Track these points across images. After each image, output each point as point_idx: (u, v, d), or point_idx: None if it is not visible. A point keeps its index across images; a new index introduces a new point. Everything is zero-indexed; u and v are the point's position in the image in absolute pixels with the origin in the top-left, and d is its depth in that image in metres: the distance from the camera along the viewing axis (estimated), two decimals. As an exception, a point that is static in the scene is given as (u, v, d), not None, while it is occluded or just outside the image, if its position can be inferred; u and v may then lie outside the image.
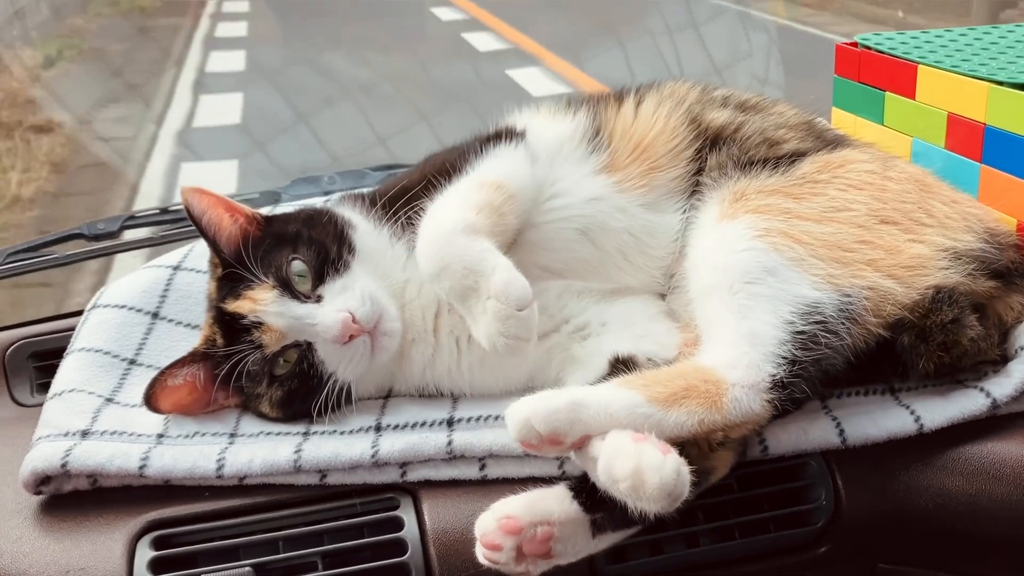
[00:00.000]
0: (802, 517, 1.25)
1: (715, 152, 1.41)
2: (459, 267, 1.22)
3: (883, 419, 1.25)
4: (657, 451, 1.05)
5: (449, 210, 1.29)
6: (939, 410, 1.25)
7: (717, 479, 1.20)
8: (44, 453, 1.24)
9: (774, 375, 1.15)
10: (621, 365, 1.27)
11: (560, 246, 1.39)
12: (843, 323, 1.20)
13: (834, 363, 1.21)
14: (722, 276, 1.23)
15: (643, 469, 1.04)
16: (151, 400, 1.30)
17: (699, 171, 1.42)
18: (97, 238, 1.84)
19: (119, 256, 2.68)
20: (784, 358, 1.16)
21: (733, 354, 1.17)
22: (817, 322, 1.18)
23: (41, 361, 1.54)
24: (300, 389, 1.30)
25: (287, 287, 1.31)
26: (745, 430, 1.18)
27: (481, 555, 1.12)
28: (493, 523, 1.11)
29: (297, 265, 1.33)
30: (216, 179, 5.76)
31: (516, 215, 1.34)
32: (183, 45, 9.67)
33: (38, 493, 1.25)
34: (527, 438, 1.10)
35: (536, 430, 1.09)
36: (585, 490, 1.13)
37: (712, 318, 1.23)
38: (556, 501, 1.13)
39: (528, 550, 1.11)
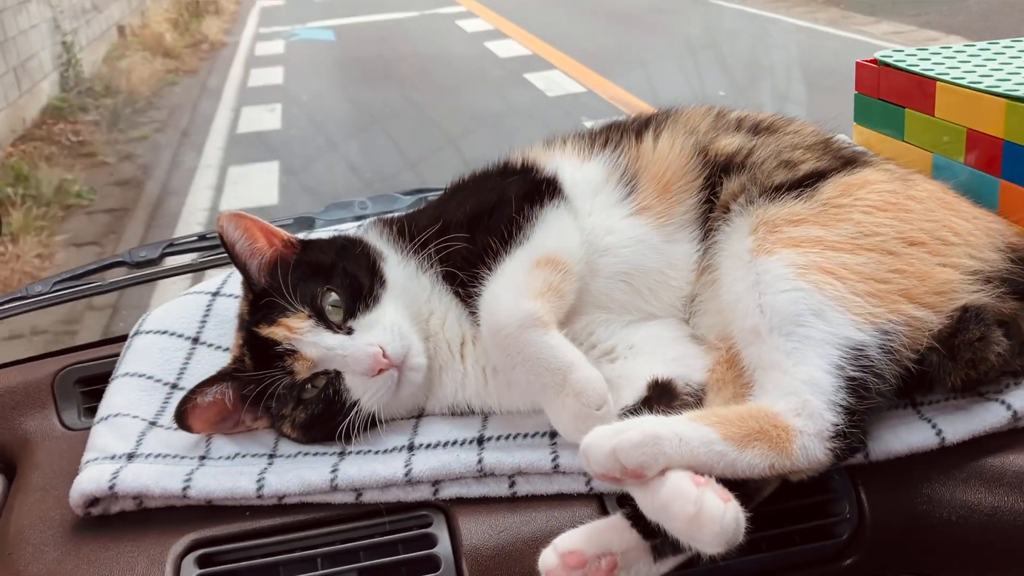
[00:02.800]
0: (827, 530, 1.27)
1: (729, 178, 1.43)
2: (534, 365, 1.26)
3: (905, 434, 1.27)
4: (718, 499, 1.08)
5: (511, 299, 1.30)
6: (961, 424, 1.27)
7: (763, 498, 1.23)
8: (92, 475, 1.29)
9: (836, 424, 1.17)
10: (659, 388, 1.30)
11: (601, 296, 1.41)
12: (887, 364, 1.22)
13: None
14: (769, 317, 1.24)
15: (704, 516, 1.06)
16: (182, 418, 1.35)
17: (710, 199, 1.44)
18: (139, 265, 1.90)
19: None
20: (841, 406, 1.18)
21: (797, 401, 1.18)
22: (865, 367, 1.20)
23: (87, 386, 1.59)
24: (324, 414, 1.34)
25: (321, 317, 1.35)
26: (804, 476, 1.19)
27: None
28: (556, 559, 1.13)
29: (332, 296, 1.36)
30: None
31: (574, 292, 1.36)
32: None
33: (87, 514, 1.31)
34: (610, 471, 1.11)
35: (621, 463, 1.10)
36: (642, 517, 1.14)
37: (766, 361, 1.24)
38: (616, 531, 1.16)
39: None
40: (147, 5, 13.65)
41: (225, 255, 1.45)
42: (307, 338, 1.33)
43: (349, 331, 1.35)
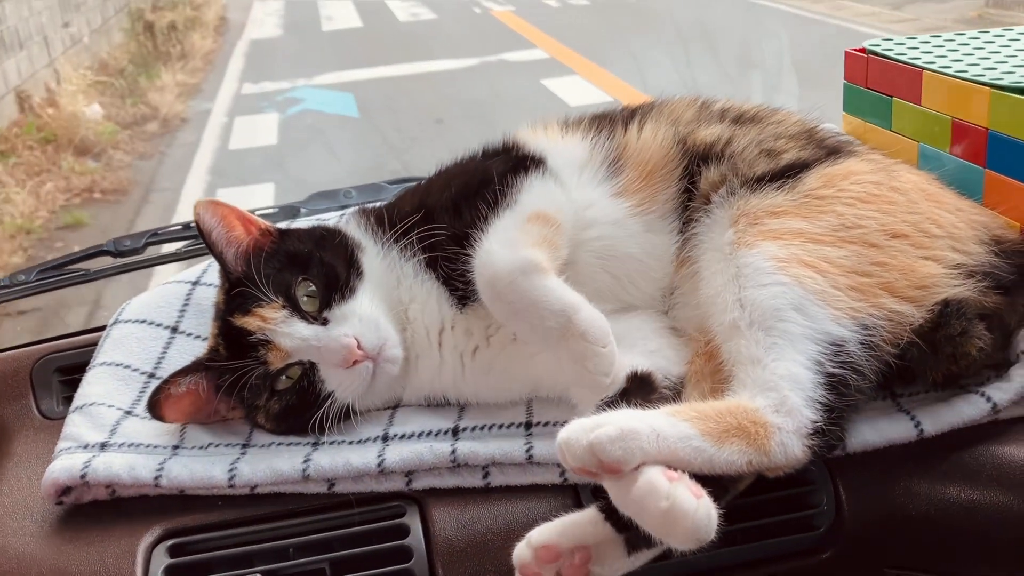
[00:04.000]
0: (804, 522, 1.26)
1: (709, 168, 1.42)
2: (537, 310, 1.24)
3: (884, 425, 1.26)
4: (690, 494, 1.06)
5: (508, 248, 1.29)
6: (940, 416, 1.26)
7: (737, 492, 1.22)
8: (64, 465, 1.29)
9: (815, 421, 1.16)
10: (638, 381, 1.28)
11: (583, 278, 1.39)
12: (867, 359, 1.20)
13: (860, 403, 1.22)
14: (750, 312, 1.23)
15: (676, 512, 1.05)
16: (154, 408, 1.34)
17: (687, 189, 1.43)
18: (122, 254, 1.89)
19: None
20: (820, 403, 1.17)
21: (775, 398, 1.16)
22: (845, 363, 1.19)
23: (66, 375, 1.59)
24: (298, 405, 1.34)
25: (296, 307, 1.34)
26: (781, 472, 1.18)
27: None
28: (530, 553, 1.12)
29: (307, 286, 1.35)
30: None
31: (565, 247, 1.35)
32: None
33: (59, 503, 1.30)
34: (587, 465, 1.10)
35: (598, 458, 1.09)
36: (616, 510, 1.13)
37: (745, 356, 1.22)
38: (590, 524, 1.15)
39: (568, 575, 1.13)
40: (78, 50, 8.94)
41: (208, 245, 1.43)
42: (281, 328, 1.32)
43: (324, 322, 1.34)
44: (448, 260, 1.37)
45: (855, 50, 1.75)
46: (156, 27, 11.13)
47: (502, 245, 1.30)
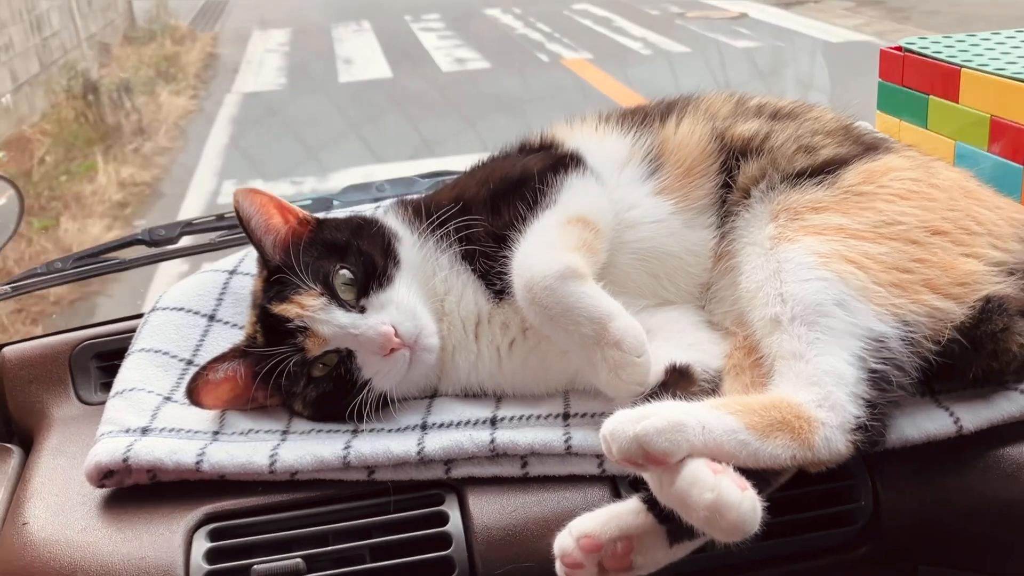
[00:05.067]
0: (841, 518, 1.26)
1: (747, 162, 1.42)
2: (573, 316, 1.24)
3: (923, 421, 1.26)
4: (736, 487, 1.07)
5: (546, 252, 1.29)
6: (979, 412, 1.26)
7: (777, 485, 1.21)
8: (107, 448, 1.30)
9: (858, 416, 1.16)
10: (677, 374, 1.29)
11: (621, 275, 1.40)
12: (908, 356, 1.21)
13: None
14: (791, 306, 1.22)
15: (721, 504, 1.05)
16: (193, 394, 1.35)
17: (726, 183, 1.43)
18: (157, 243, 1.90)
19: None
20: (863, 399, 1.17)
21: (819, 393, 1.16)
22: (887, 359, 1.19)
23: (104, 361, 1.60)
24: (335, 392, 1.34)
25: (333, 295, 1.35)
26: (824, 467, 1.18)
27: (562, 573, 1.13)
28: (572, 543, 1.13)
29: (345, 274, 1.36)
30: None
31: (605, 251, 1.35)
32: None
33: (101, 486, 1.31)
34: (633, 456, 1.10)
35: (643, 449, 1.09)
36: (658, 501, 1.13)
37: (787, 350, 1.22)
38: (632, 515, 1.15)
39: (609, 566, 1.13)
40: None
41: (242, 236, 1.45)
42: (319, 316, 1.33)
43: (362, 310, 1.35)
44: (485, 256, 1.38)
45: (891, 48, 1.75)
46: (102, 89, 7.65)
47: (540, 248, 1.30)
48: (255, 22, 11.89)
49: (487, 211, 1.40)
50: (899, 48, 1.74)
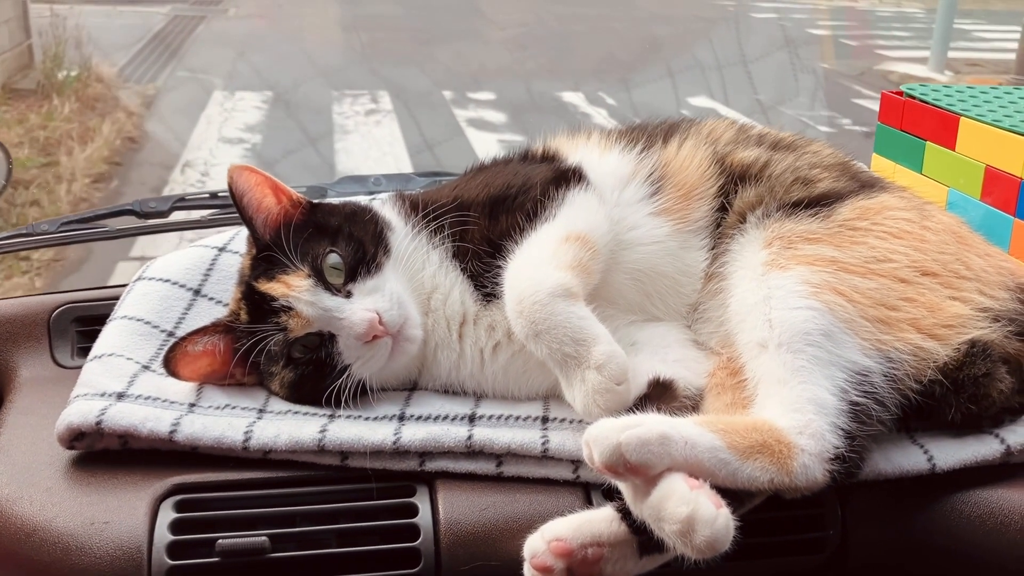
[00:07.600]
0: (808, 545, 1.26)
1: (745, 187, 1.43)
2: (558, 334, 1.24)
3: (897, 456, 1.27)
4: (711, 504, 1.07)
5: (541, 267, 1.29)
6: (953, 452, 1.27)
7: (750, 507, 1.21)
8: (80, 410, 1.29)
9: (837, 447, 1.17)
10: (661, 387, 1.30)
11: (612, 291, 1.40)
12: (889, 392, 1.22)
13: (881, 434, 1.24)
14: (779, 333, 1.23)
15: (696, 519, 1.06)
16: (170, 364, 1.34)
17: (722, 207, 1.44)
18: (147, 216, 1.89)
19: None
20: (843, 430, 1.18)
21: (801, 420, 1.17)
22: (868, 393, 1.20)
23: (84, 326, 1.59)
24: (313, 375, 1.34)
25: (321, 277, 1.34)
26: (799, 494, 1.19)
27: (530, 575, 1.13)
28: (543, 545, 1.13)
29: (333, 258, 1.36)
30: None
31: (599, 272, 1.36)
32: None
33: (71, 448, 1.30)
34: (614, 464, 1.10)
35: (626, 459, 1.09)
36: (632, 512, 1.14)
37: (771, 376, 1.23)
38: (605, 523, 1.15)
39: (579, 572, 1.13)
40: None
41: (234, 215, 1.44)
42: (304, 297, 1.33)
43: (348, 295, 1.35)
44: (477, 257, 1.38)
45: (892, 92, 1.78)
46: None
47: (535, 262, 1.31)
48: (222, 74, 8.05)
49: (485, 215, 1.41)
50: (900, 93, 1.76)
